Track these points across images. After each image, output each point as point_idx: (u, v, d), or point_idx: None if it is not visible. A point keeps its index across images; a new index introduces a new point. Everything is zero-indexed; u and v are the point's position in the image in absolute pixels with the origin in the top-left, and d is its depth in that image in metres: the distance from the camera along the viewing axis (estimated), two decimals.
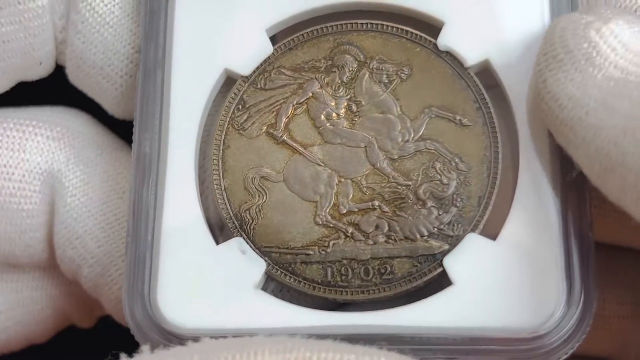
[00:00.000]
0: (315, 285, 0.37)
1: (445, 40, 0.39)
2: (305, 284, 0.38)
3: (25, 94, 0.45)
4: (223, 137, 0.39)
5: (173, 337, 0.37)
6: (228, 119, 0.39)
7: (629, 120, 0.33)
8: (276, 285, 0.38)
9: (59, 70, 0.44)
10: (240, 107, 0.39)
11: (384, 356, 0.32)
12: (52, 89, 0.45)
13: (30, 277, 0.45)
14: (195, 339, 0.35)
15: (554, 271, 0.36)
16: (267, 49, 0.40)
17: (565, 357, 0.36)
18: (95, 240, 0.42)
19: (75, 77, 0.43)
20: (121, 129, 0.44)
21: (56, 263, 0.43)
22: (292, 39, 0.40)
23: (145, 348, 0.34)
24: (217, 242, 0.38)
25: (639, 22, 0.35)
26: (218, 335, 0.35)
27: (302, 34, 0.40)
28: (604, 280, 0.40)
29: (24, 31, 0.41)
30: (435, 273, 0.37)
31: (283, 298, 0.38)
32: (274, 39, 0.40)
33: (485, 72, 0.39)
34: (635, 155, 0.32)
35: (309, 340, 0.33)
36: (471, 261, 0.37)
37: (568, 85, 0.35)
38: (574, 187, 0.37)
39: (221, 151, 0.39)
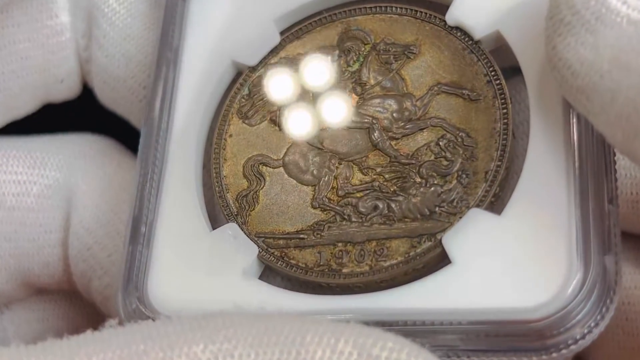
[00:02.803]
0: (307, 270, 0.35)
1: (455, 15, 0.37)
2: (297, 269, 0.35)
3: (55, 124, 0.45)
4: (226, 126, 0.38)
5: None
6: (232, 108, 0.38)
7: None
8: (269, 270, 0.36)
9: (87, 100, 0.45)
10: (245, 97, 0.38)
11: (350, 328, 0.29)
12: (81, 120, 0.46)
13: (56, 306, 0.45)
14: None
15: (566, 247, 0.32)
16: (275, 39, 0.39)
17: (583, 343, 0.32)
18: (105, 249, 0.41)
19: (103, 94, 0.44)
20: None
21: (77, 288, 0.43)
22: (300, 27, 0.39)
23: (112, 322, 0.33)
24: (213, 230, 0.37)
25: None
26: None
27: (310, 23, 0.39)
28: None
29: (42, 48, 0.42)
30: (434, 253, 0.34)
31: (276, 284, 0.36)
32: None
33: (500, 48, 0.36)
34: None
35: (278, 314, 0.31)
36: (473, 237, 0.34)
37: (579, 50, 0.32)
38: (590, 157, 0.33)
39: (223, 140, 0.38)
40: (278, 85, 0.38)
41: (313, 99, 0.38)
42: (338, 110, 0.37)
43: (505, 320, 0.32)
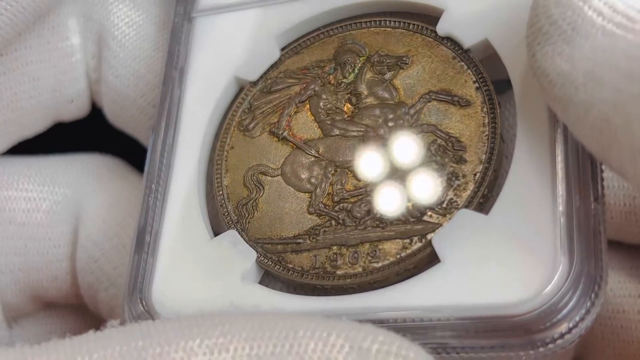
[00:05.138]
0: (303, 273, 0.37)
1: (445, 25, 0.39)
2: (293, 272, 0.37)
3: (64, 142, 0.48)
4: (228, 139, 0.40)
5: None
6: (234, 122, 0.40)
7: (617, 94, 0.31)
8: (267, 275, 0.37)
9: (95, 119, 0.47)
10: (246, 110, 0.40)
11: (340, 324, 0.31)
12: (89, 138, 0.48)
13: (63, 320, 0.47)
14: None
15: (551, 244, 0.34)
16: (275, 54, 0.41)
17: (569, 337, 0.33)
18: (111, 262, 0.43)
19: (112, 113, 0.46)
20: None
21: (84, 301, 0.45)
22: (299, 43, 0.41)
23: (114, 322, 0.34)
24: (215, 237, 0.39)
25: None
26: None
27: (308, 38, 0.41)
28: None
29: (53, 69, 0.44)
30: (424, 253, 0.35)
31: (276, 288, 0.37)
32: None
33: (488, 56, 0.38)
34: (626, 130, 0.30)
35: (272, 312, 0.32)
36: (462, 237, 0.35)
37: (556, 59, 0.33)
38: (575, 158, 0.34)
39: (225, 152, 0.40)
40: (279, 98, 0.40)
41: (311, 110, 0.39)
42: (333, 120, 0.39)
43: (493, 316, 0.33)
